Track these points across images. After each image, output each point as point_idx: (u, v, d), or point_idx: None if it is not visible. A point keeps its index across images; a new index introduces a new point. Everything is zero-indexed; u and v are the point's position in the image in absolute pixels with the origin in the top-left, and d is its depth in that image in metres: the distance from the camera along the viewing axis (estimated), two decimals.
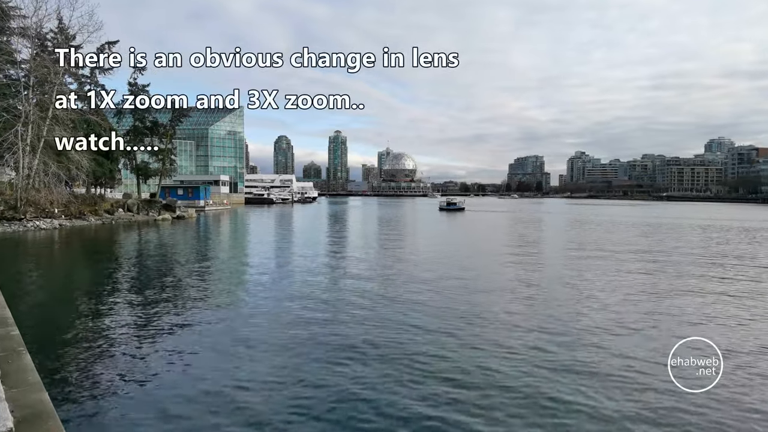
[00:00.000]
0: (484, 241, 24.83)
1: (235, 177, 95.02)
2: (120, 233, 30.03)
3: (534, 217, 53.86)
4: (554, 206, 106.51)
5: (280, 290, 11.80)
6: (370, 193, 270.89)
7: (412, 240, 23.13)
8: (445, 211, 66.75)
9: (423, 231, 33.62)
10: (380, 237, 26.61)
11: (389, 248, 20.74)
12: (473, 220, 47.06)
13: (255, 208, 72.63)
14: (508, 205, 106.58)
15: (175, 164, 58.46)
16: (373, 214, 59.80)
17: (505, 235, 29.82)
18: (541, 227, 37.34)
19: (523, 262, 17.47)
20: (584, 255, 19.79)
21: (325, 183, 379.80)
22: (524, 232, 31.59)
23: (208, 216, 51.90)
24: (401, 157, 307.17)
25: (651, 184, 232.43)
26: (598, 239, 26.93)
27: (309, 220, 44.57)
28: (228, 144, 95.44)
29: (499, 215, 60.23)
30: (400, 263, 16.66)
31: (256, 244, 22.48)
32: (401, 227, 35.86)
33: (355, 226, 36.12)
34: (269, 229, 33.90)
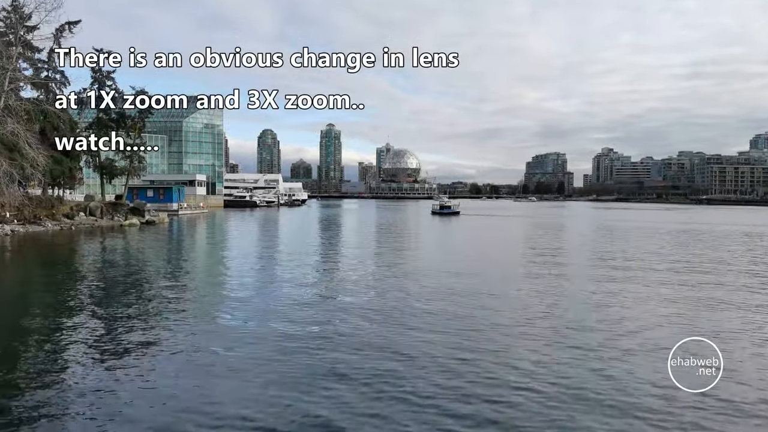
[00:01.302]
0: (479, 254, 25.12)
1: (213, 177, 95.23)
2: (80, 240, 30.08)
3: (552, 223, 54.02)
4: (577, 210, 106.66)
5: (260, 309, 11.75)
6: (368, 195, 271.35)
7: (384, 255, 22.60)
8: (438, 215, 68.24)
9: (407, 240, 33.65)
10: (352, 248, 26.74)
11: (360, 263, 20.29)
12: (470, 228, 46.78)
13: (236, 212, 72.61)
14: (524, 209, 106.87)
15: (145, 162, 58.59)
16: (367, 220, 59.89)
17: (508, 245, 29.96)
18: (560, 235, 37.50)
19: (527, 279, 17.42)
20: (608, 268, 19.86)
21: (316, 183, 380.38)
22: (535, 241, 31.52)
23: (181, 221, 51.95)
24: (403, 155, 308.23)
25: (688, 186, 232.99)
26: (627, 250, 26.94)
27: (296, 226, 44.66)
28: (205, 139, 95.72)
29: (509, 221, 60.66)
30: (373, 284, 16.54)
31: (236, 255, 22.52)
32: (383, 235, 36.17)
33: (349, 236, 36.12)
34: (251, 236, 34.01)
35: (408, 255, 20.69)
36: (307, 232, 33.93)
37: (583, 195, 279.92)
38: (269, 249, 23.51)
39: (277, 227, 44.92)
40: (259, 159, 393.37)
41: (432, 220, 58.18)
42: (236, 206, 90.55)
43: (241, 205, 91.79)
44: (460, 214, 68.79)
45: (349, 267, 18.48)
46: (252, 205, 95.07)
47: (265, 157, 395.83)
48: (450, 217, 63.81)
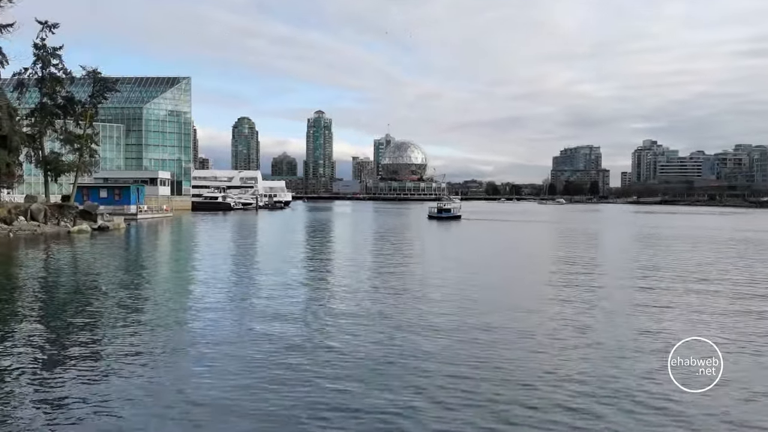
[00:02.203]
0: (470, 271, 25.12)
1: (180, 174, 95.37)
2: (19, 250, 29.92)
3: (580, 230, 53.91)
4: (614, 214, 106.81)
5: (232, 347, 11.53)
6: (364, 196, 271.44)
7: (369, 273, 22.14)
8: (436, 219, 69.75)
9: (400, 248, 33.54)
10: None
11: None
12: (470, 237, 46.55)
13: (206, 216, 72.70)
14: (549, 213, 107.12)
15: (97, 156, 58.59)
16: (362, 227, 59.93)
17: (509, 259, 29.91)
18: (589, 248, 37.47)
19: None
20: (641, 281, 19.80)
21: (303, 182, 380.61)
22: (551, 255, 31.25)
23: (141, 227, 51.92)
24: (406, 148, 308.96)
25: (747, 186, 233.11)
26: (675, 266, 26.83)
27: (277, 236, 44.43)
28: (170, 128, 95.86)
29: (526, 227, 60.78)
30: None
31: (206, 272, 22.17)
32: (370, 246, 36.09)
33: (338, 249, 36.14)
34: (223, 248, 33.77)
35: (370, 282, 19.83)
36: (289, 245, 33.69)
37: (621, 196, 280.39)
38: (244, 265, 23.26)
39: (254, 235, 44.87)
40: (234, 153, 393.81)
41: (427, 226, 58.41)
42: (206, 209, 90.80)
43: (212, 208, 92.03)
44: (461, 219, 70.42)
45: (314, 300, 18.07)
46: (225, 207, 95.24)
47: (242, 151, 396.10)
48: (449, 223, 64.81)
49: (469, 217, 76.60)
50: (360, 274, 21.73)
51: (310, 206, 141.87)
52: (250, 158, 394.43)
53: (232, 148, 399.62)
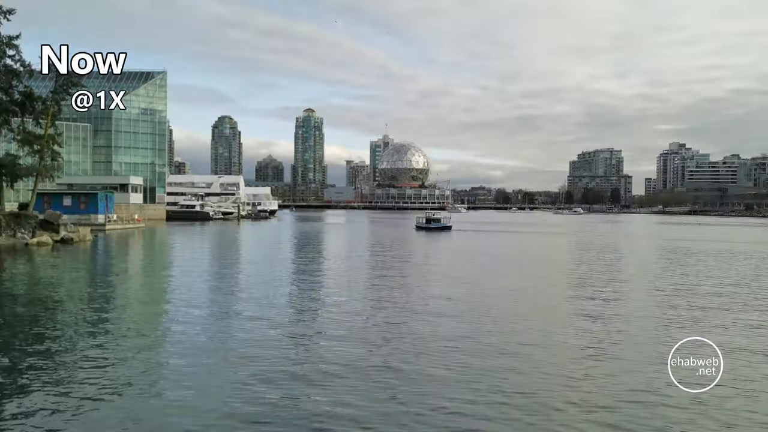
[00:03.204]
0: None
1: (153, 179, 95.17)
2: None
3: (596, 244, 53.66)
4: (636, 226, 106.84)
5: (208, 386, 11.20)
6: (359, 204, 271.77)
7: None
8: (424, 230, 72.22)
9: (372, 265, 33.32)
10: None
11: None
12: (456, 249, 46.82)
13: (182, 227, 72.49)
14: (563, 224, 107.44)
15: (61, 159, 58.17)
16: (356, 240, 59.75)
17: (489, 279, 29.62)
18: (611, 266, 37.10)
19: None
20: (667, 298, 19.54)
21: (290, 189, 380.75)
22: (548, 274, 31.01)
23: (109, 239, 51.55)
24: (406, 151, 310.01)
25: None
26: (711, 282, 26.64)
27: (261, 251, 43.91)
28: (143, 129, 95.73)
29: (531, 239, 60.88)
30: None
31: (179, 292, 21.81)
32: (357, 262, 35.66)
33: (328, 266, 35.93)
34: (199, 263, 33.37)
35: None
36: (272, 263, 33.14)
37: (645, 205, 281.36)
38: (221, 288, 22.63)
39: (235, 251, 44.44)
40: (213, 156, 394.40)
41: (413, 238, 58.69)
42: (183, 219, 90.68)
43: (189, 218, 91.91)
44: (451, 230, 72.30)
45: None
46: (204, 217, 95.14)
47: (222, 154, 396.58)
48: (438, 234, 65.93)
49: (461, 228, 77.30)
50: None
51: (298, 216, 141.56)
52: (232, 162, 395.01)
53: (212, 150, 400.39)
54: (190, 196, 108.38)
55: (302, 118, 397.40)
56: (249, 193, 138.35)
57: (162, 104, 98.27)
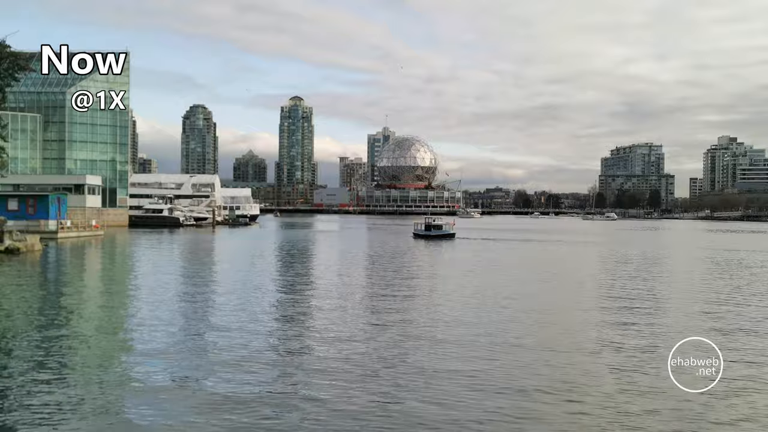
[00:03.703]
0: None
1: (114, 179, 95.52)
2: None
3: (634, 256, 53.84)
4: (679, 234, 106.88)
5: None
6: (355, 209, 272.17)
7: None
8: (422, 238, 72.97)
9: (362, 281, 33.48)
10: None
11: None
12: (455, 262, 46.72)
13: (147, 235, 72.67)
14: (593, 232, 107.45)
15: (5, 155, 58.41)
16: (351, 253, 59.87)
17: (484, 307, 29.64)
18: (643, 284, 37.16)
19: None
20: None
21: (274, 190, 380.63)
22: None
23: (62, 249, 51.58)
24: (410, 146, 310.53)
25: None
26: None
27: (239, 266, 43.90)
28: (101, 120, 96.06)
29: (549, 248, 60.83)
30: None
31: (141, 318, 21.56)
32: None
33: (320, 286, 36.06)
34: (165, 281, 33.19)
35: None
36: (252, 280, 33.12)
37: (690, 209, 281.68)
38: (192, 315, 22.34)
39: (208, 264, 44.49)
40: (184, 151, 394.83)
41: (407, 249, 58.52)
42: (148, 225, 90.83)
43: (155, 224, 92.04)
44: (455, 238, 72.74)
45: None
46: (173, 223, 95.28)
47: (195, 149, 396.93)
48: (439, 244, 66.02)
49: (469, 236, 77.30)
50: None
51: (283, 222, 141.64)
52: (206, 159, 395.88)
53: (183, 145, 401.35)
54: (156, 199, 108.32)
55: (288, 107, 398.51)
56: (226, 196, 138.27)
57: (124, 90, 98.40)
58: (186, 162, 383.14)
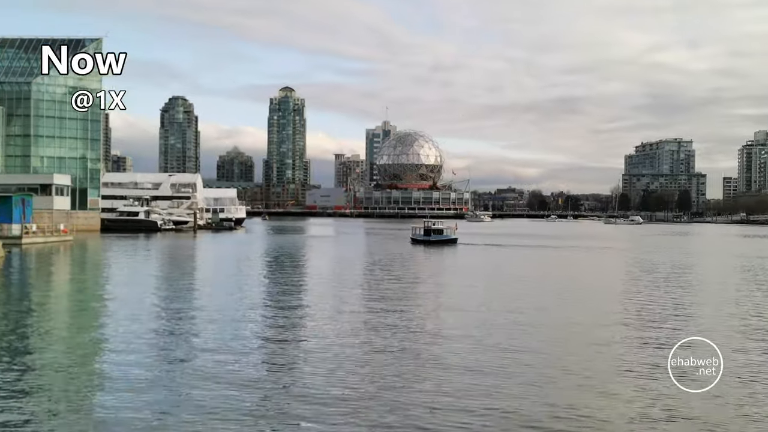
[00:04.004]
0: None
1: (84, 179, 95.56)
2: None
3: (661, 264, 53.77)
4: (711, 239, 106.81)
5: None
6: (352, 211, 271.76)
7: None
8: (421, 244, 73.64)
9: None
10: None
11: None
12: (455, 269, 46.66)
13: (120, 241, 72.65)
14: (616, 237, 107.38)
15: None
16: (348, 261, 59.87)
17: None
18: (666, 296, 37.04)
19: None
20: None
21: (262, 191, 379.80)
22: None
23: (27, 256, 51.49)
24: (413, 142, 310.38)
25: None
26: None
27: (225, 276, 43.76)
28: (71, 113, 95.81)
29: (564, 255, 60.60)
30: None
31: (113, 341, 21.10)
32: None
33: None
34: (138, 296, 32.86)
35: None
36: (236, 296, 32.56)
37: (724, 212, 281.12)
38: (168, 337, 22.09)
39: (188, 276, 44.26)
40: (163, 148, 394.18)
41: (404, 256, 58.42)
42: (123, 230, 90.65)
43: (131, 228, 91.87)
44: (457, 244, 73.05)
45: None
46: (150, 227, 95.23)
47: (174, 145, 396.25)
48: (439, 250, 65.98)
49: (473, 242, 77.53)
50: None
51: (272, 226, 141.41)
52: (187, 156, 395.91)
53: (161, 141, 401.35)
54: (132, 201, 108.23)
55: (278, 99, 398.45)
56: (209, 197, 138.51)
57: (96, 81, 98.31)
58: (164, 159, 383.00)
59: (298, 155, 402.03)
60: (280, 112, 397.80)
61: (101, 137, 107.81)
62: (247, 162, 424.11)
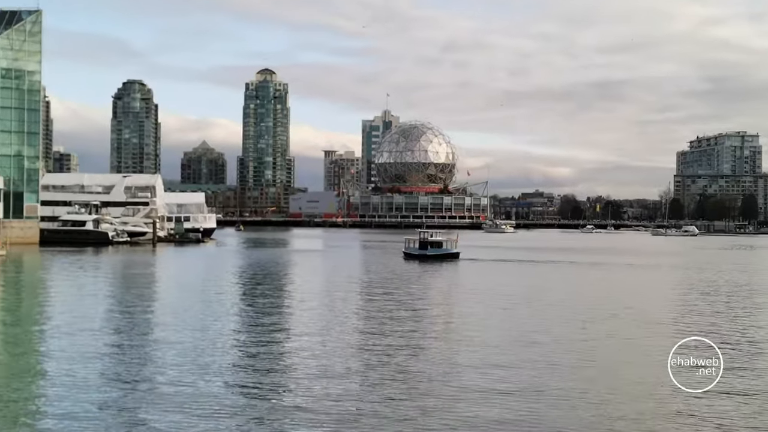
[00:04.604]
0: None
1: (20, 181, 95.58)
2: None
3: (710, 288, 53.70)
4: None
5: None
6: (345, 220, 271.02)
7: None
8: (416, 259, 73.78)
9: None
10: None
11: None
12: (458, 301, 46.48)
13: (63, 256, 72.69)
14: (664, 253, 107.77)
15: None
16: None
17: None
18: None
19: None
20: None
21: (237, 195, 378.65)
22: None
23: None
24: (419, 136, 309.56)
25: None
26: None
27: (191, 305, 42.99)
28: (3, 100, 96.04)
29: (598, 276, 60.68)
30: None
31: (52, 391, 20.41)
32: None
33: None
34: (88, 324, 32.58)
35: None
36: (201, 333, 31.98)
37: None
38: (118, 377, 21.83)
39: (146, 300, 43.99)
40: (115, 143, 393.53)
41: (394, 276, 58.23)
42: (66, 242, 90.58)
43: (76, 241, 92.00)
44: (459, 259, 73.28)
45: None
46: (99, 240, 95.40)
47: (129, 139, 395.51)
48: (438, 267, 66.30)
49: (478, 257, 77.92)
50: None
51: (248, 239, 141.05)
52: (144, 153, 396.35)
53: (113, 135, 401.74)
54: (78, 207, 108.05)
55: (255, 83, 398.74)
56: (171, 202, 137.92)
57: (34, 62, 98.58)
58: (117, 157, 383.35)
59: (279, 152, 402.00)
60: (257, 100, 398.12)
61: (41, 130, 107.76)
62: (218, 160, 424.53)
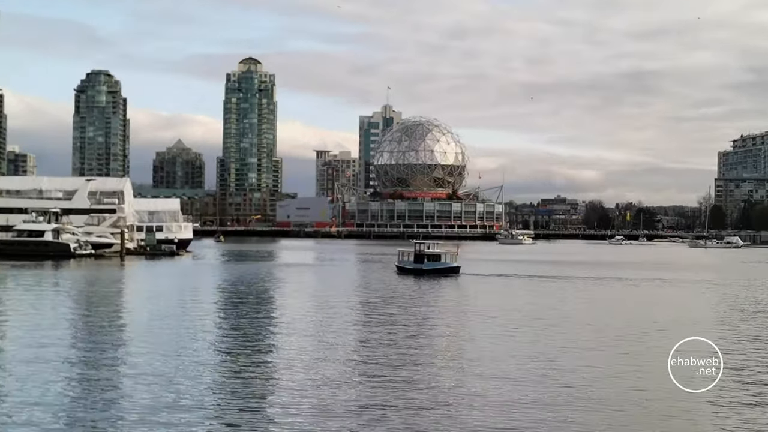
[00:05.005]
0: None
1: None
2: None
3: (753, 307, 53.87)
4: None
5: None
6: (340, 230, 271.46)
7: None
8: (410, 274, 74.84)
9: None
10: None
11: None
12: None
13: (17, 271, 73.18)
14: (707, 265, 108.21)
15: None
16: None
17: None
18: None
19: None
20: None
21: (216, 201, 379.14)
22: None
23: None
24: (425, 134, 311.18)
25: None
26: None
27: (163, 330, 42.61)
28: None
29: (624, 297, 61.06)
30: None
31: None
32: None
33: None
34: (38, 357, 31.83)
35: None
36: (178, 354, 31.82)
37: None
38: (75, 413, 21.63)
39: (113, 322, 43.71)
40: (78, 143, 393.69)
41: (383, 293, 58.63)
42: (22, 255, 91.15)
43: (33, 254, 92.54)
44: (459, 274, 74.22)
45: None
46: (60, 252, 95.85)
47: (94, 138, 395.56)
48: (435, 283, 66.87)
49: (482, 271, 78.66)
50: None
51: (229, 251, 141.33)
52: (111, 153, 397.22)
53: (76, 133, 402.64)
54: (35, 215, 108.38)
55: (238, 74, 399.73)
56: (142, 210, 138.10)
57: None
58: (80, 158, 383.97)
59: (265, 152, 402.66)
60: (240, 93, 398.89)
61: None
62: (195, 161, 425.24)
